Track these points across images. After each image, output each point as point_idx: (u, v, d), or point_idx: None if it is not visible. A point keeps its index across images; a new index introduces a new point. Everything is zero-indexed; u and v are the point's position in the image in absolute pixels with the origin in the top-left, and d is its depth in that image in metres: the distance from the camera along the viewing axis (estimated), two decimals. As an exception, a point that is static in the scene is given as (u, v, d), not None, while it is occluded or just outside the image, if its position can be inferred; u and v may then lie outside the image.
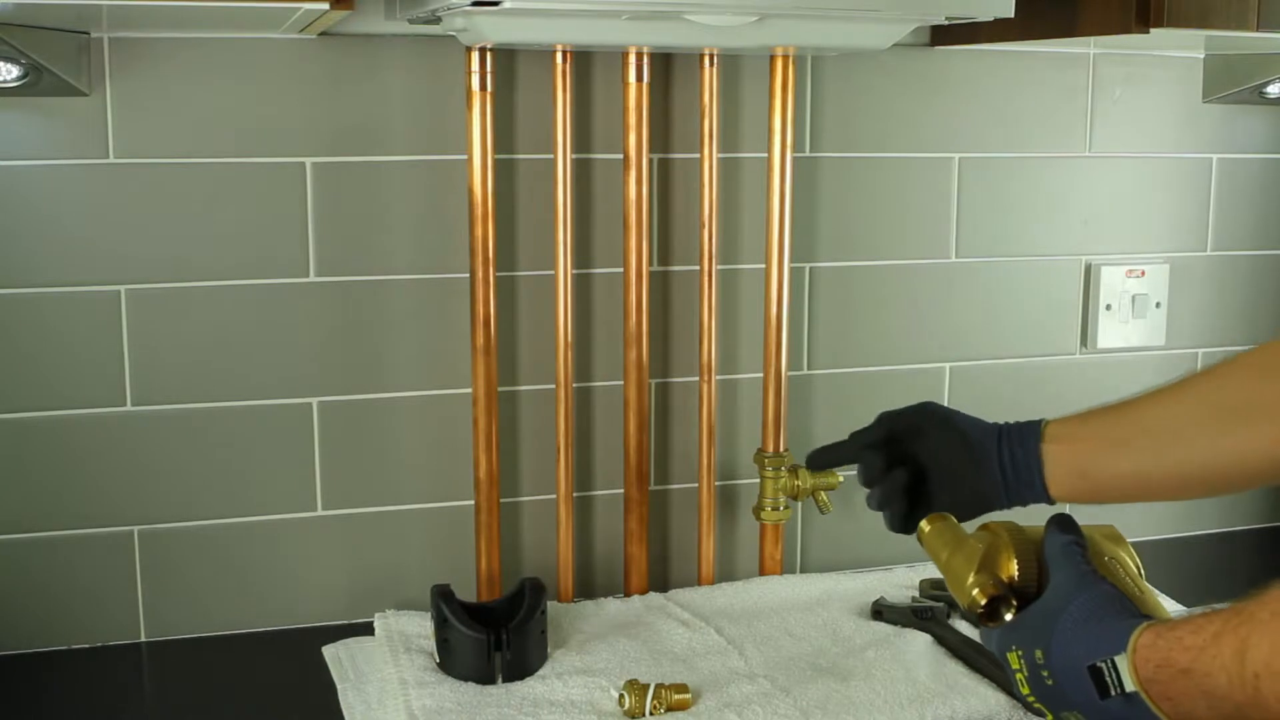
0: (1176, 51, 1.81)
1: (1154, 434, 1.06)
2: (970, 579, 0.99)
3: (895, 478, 1.12)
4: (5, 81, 1.38)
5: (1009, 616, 0.97)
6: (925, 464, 1.14)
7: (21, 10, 1.26)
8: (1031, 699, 0.94)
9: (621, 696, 1.33)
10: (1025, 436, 1.11)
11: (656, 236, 1.64)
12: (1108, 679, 0.86)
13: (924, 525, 1.09)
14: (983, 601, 0.97)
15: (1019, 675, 0.94)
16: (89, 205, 1.46)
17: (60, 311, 1.47)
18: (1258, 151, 1.86)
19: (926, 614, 1.54)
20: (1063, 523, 1.01)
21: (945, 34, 1.65)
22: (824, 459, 1.19)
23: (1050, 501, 1.11)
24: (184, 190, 1.49)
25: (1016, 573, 0.99)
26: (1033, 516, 1.07)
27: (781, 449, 1.67)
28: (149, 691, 1.49)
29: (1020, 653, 0.94)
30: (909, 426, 1.16)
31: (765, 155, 1.64)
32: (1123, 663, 0.85)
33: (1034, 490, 1.10)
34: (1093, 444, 1.10)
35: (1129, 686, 0.85)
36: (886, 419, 1.17)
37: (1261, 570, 1.31)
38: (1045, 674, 0.91)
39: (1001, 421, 1.14)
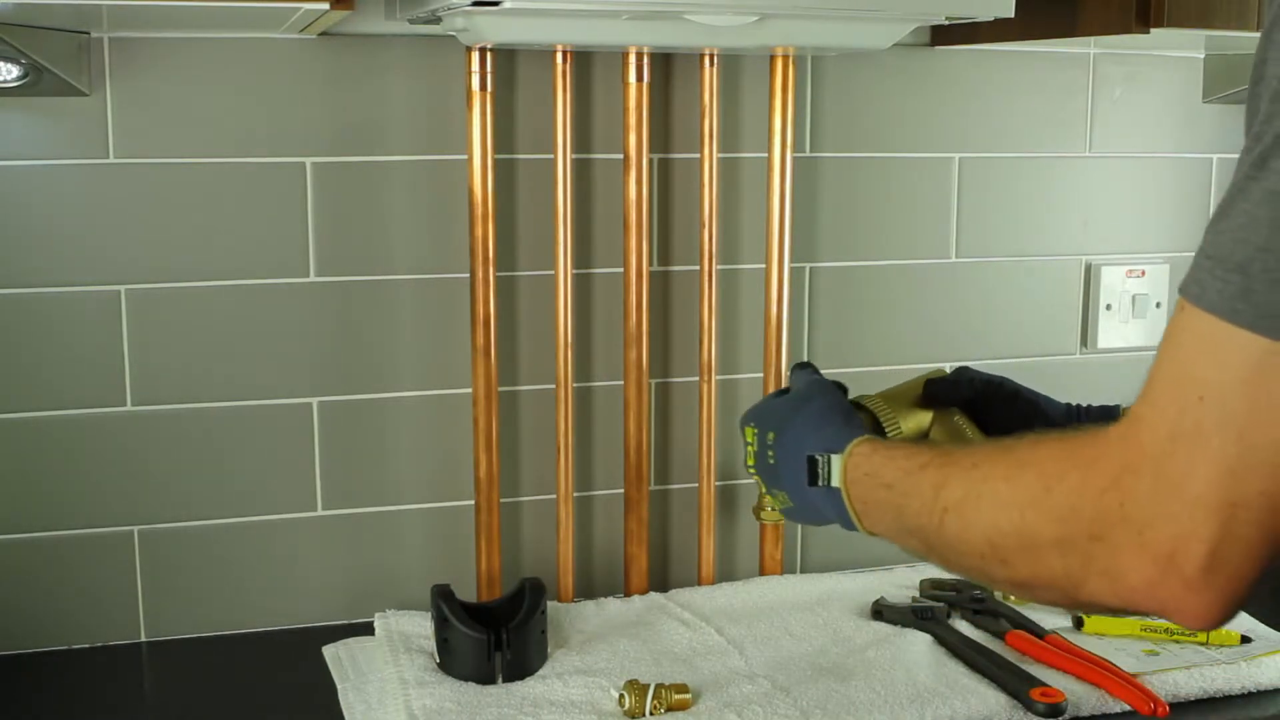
0: (1176, 51, 1.81)
1: None
2: None
3: None
4: (5, 81, 1.38)
5: None
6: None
7: (21, 10, 1.26)
8: (751, 470, 1.10)
9: (621, 696, 1.33)
10: (1105, 419, 1.09)
11: (656, 236, 1.64)
12: (820, 470, 0.99)
13: None
14: None
15: (749, 448, 1.09)
16: (89, 205, 1.46)
17: (60, 311, 1.47)
18: (1258, 151, 1.86)
19: (927, 614, 1.54)
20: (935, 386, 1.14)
21: (945, 34, 1.65)
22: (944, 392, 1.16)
23: None
24: (184, 190, 1.49)
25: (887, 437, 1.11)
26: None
27: (781, 449, 1.67)
28: (149, 691, 1.49)
29: (756, 430, 1.08)
30: (991, 399, 1.16)
31: (765, 155, 1.64)
32: (836, 461, 0.98)
33: None
34: None
35: (835, 482, 0.98)
36: (968, 380, 1.16)
37: None
38: (770, 453, 1.06)
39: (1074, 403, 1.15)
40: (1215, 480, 0.69)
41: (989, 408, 1.16)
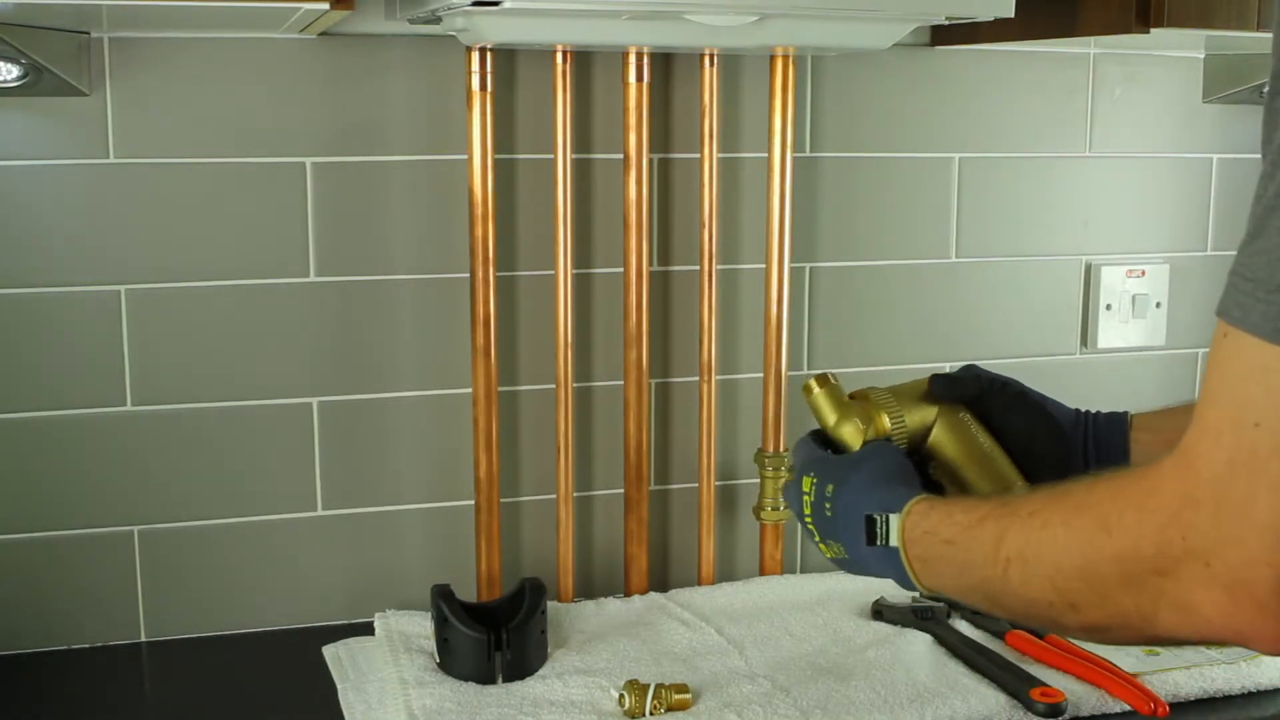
0: (1176, 51, 1.81)
1: None
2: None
3: None
4: (5, 81, 1.38)
5: None
6: (1005, 438, 1.14)
7: (21, 10, 1.26)
8: (808, 520, 1.09)
9: (621, 696, 1.33)
10: (1113, 426, 1.11)
11: (656, 236, 1.64)
12: (878, 530, 0.99)
13: (814, 385, 1.15)
14: None
15: (806, 497, 1.08)
16: (89, 205, 1.46)
17: (60, 311, 1.47)
18: (1258, 151, 1.86)
19: (927, 614, 1.54)
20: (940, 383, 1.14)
21: (945, 34, 1.65)
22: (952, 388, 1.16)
23: None
24: (184, 190, 1.49)
25: (891, 431, 1.13)
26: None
27: (781, 449, 1.67)
28: (149, 691, 1.49)
29: (815, 480, 1.08)
30: (997, 398, 1.15)
31: (765, 155, 1.64)
32: (895, 520, 0.98)
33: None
34: (1179, 436, 1.08)
35: (893, 542, 0.98)
36: (974, 377, 1.16)
37: None
38: (828, 505, 1.06)
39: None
40: (1278, 505, 0.68)
41: (995, 407, 1.16)
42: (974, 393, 1.16)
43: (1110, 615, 0.78)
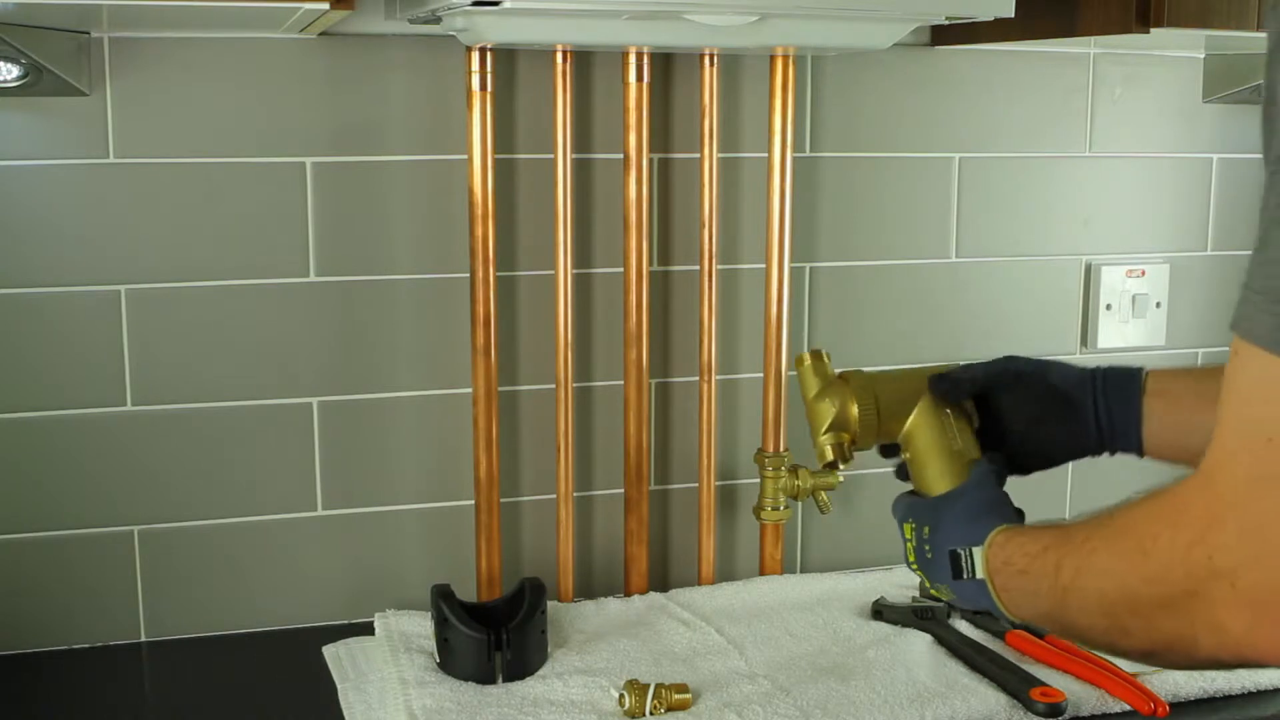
0: (1176, 51, 1.81)
1: None
2: (820, 435, 1.19)
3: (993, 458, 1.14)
4: (5, 81, 1.38)
5: (842, 465, 1.18)
6: (1009, 423, 1.16)
7: (21, 10, 1.26)
8: (914, 565, 1.10)
9: (621, 696, 1.33)
10: (1125, 387, 1.12)
11: (656, 236, 1.64)
12: (963, 565, 1.01)
13: (805, 358, 1.21)
14: (827, 459, 1.18)
15: (909, 544, 1.10)
16: (89, 205, 1.46)
17: (60, 311, 1.47)
18: (1258, 151, 1.86)
19: (926, 614, 1.54)
20: (938, 386, 1.15)
21: (945, 34, 1.65)
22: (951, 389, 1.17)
23: (1140, 455, 1.11)
24: (184, 190, 1.49)
25: (859, 429, 1.17)
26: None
27: (781, 449, 1.67)
28: (149, 691, 1.49)
29: (914, 525, 1.10)
30: (998, 387, 1.17)
31: (765, 155, 1.64)
32: (978, 553, 0.99)
33: (1129, 444, 1.11)
34: (1192, 401, 1.07)
35: (979, 574, 0.99)
36: (970, 378, 1.17)
37: None
38: (927, 548, 1.07)
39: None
40: None
41: (998, 395, 1.17)
42: (973, 391, 1.16)
43: (1156, 639, 0.77)
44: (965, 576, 1.00)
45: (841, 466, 1.18)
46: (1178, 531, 0.74)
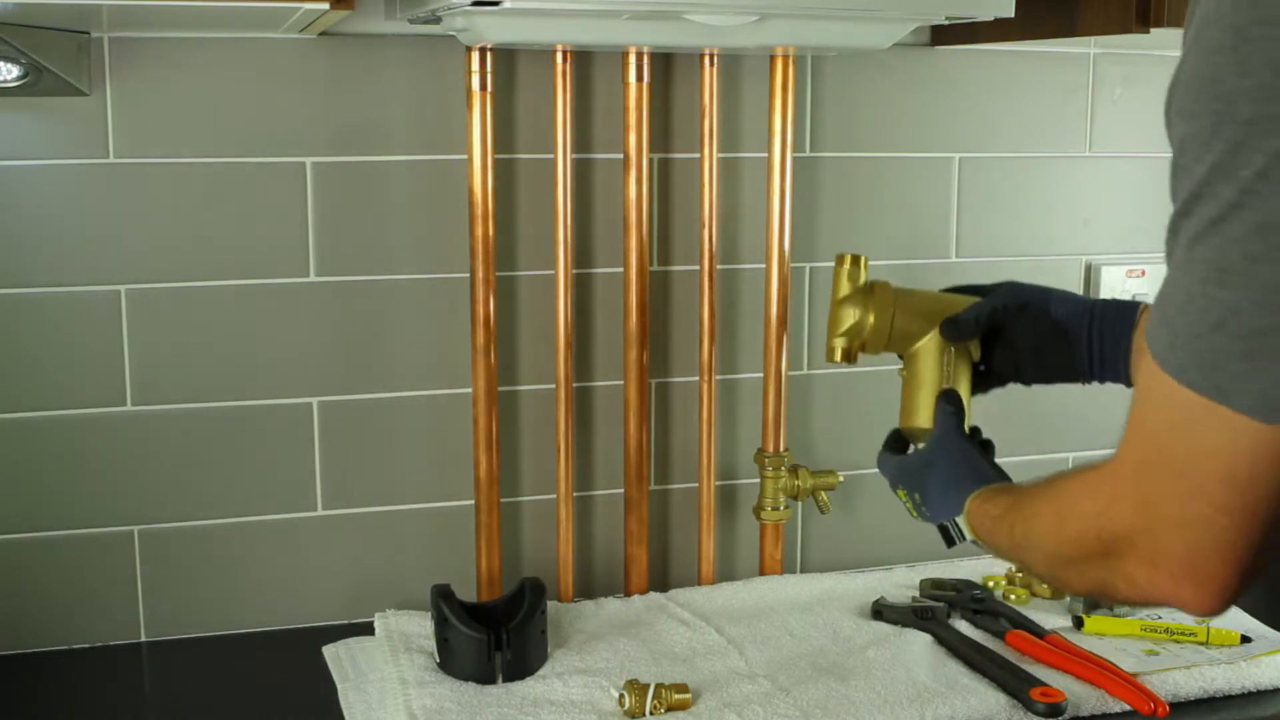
0: (1176, 51, 1.79)
1: None
2: (835, 337, 1.32)
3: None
4: (5, 81, 1.37)
5: (845, 365, 1.34)
6: (1012, 348, 1.28)
7: (21, 10, 1.26)
8: (917, 516, 1.26)
9: (621, 696, 1.33)
10: (1119, 322, 1.22)
11: (656, 236, 1.64)
12: (952, 534, 1.19)
13: (846, 259, 1.31)
14: (835, 359, 1.32)
15: (907, 505, 1.27)
16: (89, 205, 1.46)
17: (60, 311, 1.47)
18: (1258, 151, 1.86)
19: (926, 614, 1.54)
20: (948, 329, 1.28)
21: (945, 34, 1.65)
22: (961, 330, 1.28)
23: (1128, 385, 1.20)
24: (184, 190, 1.49)
25: (869, 338, 1.31)
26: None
27: (781, 449, 1.67)
28: (149, 691, 1.49)
29: (905, 491, 1.27)
30: (1005, 319, 1.28)
31: (765, 155, 1.64)
32: (962, 522, 1.17)
33: (1116, 374, 1.22)
34: None
35: (969, 537, 1.17)
36: (974, 319, 1.28)
37: None
38: (924, 510, 1.24)
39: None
40: (1177, 498, 0.79)
41: (1006, 326, 1.27)
42: (976, 333, 1.28)
43: (1089, 585, 0.92)
44: (957, 542, 1.19)
45: (841, 363, 1.32)
46: (1092, 503, 0.87)
